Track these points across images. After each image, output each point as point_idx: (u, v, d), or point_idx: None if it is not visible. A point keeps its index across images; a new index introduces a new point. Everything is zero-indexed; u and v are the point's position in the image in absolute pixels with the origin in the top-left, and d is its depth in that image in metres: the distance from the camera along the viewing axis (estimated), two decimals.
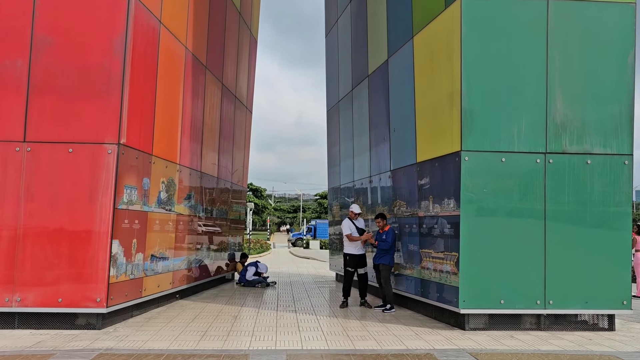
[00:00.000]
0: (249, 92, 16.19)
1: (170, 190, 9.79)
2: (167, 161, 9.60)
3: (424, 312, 9.21)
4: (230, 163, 14.16)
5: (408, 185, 9.79)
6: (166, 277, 9.67)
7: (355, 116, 13.19)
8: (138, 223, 8.40)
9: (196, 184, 11.32)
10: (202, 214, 11.80)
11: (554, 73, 8.00)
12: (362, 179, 12.55)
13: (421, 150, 9.26)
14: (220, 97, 13.00)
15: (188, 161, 10.76)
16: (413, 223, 9.52)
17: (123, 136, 7.85)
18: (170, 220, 9.81)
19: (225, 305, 10.19)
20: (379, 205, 11.30)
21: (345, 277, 10.22)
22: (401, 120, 10.21)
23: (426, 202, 8.99)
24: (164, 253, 9.53)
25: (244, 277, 13.45)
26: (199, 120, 11.40)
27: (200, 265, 11.71)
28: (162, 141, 9.37)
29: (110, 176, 7.64)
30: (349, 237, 10.20)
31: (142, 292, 8.64)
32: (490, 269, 7.86)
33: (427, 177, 9.00)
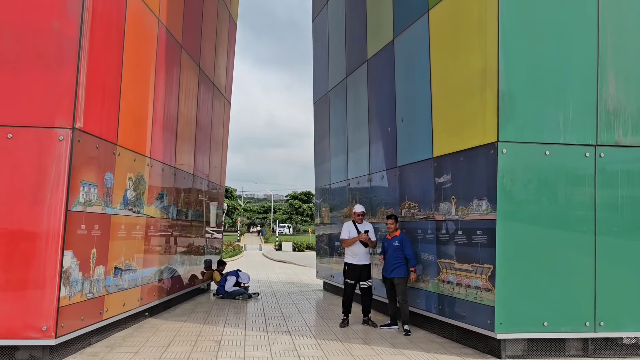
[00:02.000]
0: (227, 80, 14.57)
1: (139, 189, 8.14)
2: (135, 153, 7.94)
3: (442, 333, 7.82)
4: (207, 159, 12.53)
5: (421, 184, 8.39)
6: (133, 292, 8.02)
7: (350, 106, 11.74)
8: (98, 229, 6.74)
9: (169, 182, 9.68)
10: (176, 217, 10.14)
11: (605, 50, 6.72)
12: (359, 177, 11.11)
13: (440, 142, 7.88)
14: (197, 83, 11.36)
15: (160, 154, 9.11)
16: (428, 228, 8.12)
17: (79, 119, 6.20)
18: (139, 225, 8.16)
19: (205, 324, 8.58)
20: (381, 207, 9.88)
21: (345, 290, 8.75)
22: (411, 109, 8.81)
23: (447, 204, 7.61)
24: (131, 264, 7.88)
25: (223, 288, 11.84)
26: (173, 107, 9.76)
27: (173, 276, 10.06)
28: (129, 129, 7.72)
29: (62, 169, 5.98)
30: (343, 242, 8.76)
31: (103, 313, 6.98)
32: (533, 284, 6.52)
33: (447, 174, 7.62)
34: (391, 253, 8.20)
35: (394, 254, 8.16)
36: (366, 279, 8.67)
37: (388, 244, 8.31)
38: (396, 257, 8.14)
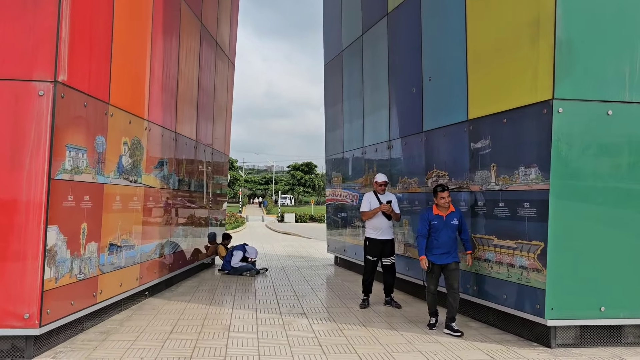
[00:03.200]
0: (231, 40, 13.49)
1: (136, 155, 7.23)
2: (131, 115, 7.01)
3: (477, 317, 7.02)
4: (211, 125, 11.57)
5: (453, 151, 7.47)
6: (131, 271, 7.19)
7: (367, 66, 10.72)
8: (89, 200, 5.86)
9: (170, 149, 8.76)
10: (178, 187, 9.26)
11: None
12: (376, 144, 10.18)
13: (476, 103, 6.92)
14: (199, 40, 10.33)
15: (159, 117, 8.17)
16: (460, 200, 7.24)
17: (62, 71, 5.25)
18: (136, 196, 7.28)
19: (211, 305, 7.79)
20: (403, 177, 8.98)
21: (365, 267, 7.92)
22: (441, 66, 7.82)
23: (484, 173, 6.70)
24: (128, 240, 7.03)
25: (229, 264, 11.04)
26: (173, 65, 8.76)
27: (175, 251, 9.23)
28: (123, 87, 6.77)
29: (43, 130, 5.06)
30: (363, 214, 7.89)
31: (96, 296, 6.16)
32: (589, 265, 5.66)
33: (486, 139, 6.69)
34: (448, 234, 6.40)
35: (451, 235, 6.44)
36: (389, 255, 7.83)
37: (441, 223, 6.41)
38: (453, 239, 6.48)
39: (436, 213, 6.45)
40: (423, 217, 6.56)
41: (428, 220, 6.46)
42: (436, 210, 6.47)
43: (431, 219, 6.45)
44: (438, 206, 6.47)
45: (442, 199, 6.41)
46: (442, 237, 6.41)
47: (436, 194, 6.48)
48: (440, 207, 6.46)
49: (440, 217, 6.43)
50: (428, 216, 6.50)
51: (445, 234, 6.41)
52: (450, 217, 6.45)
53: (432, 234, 6.45)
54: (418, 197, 8.42)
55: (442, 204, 6.43)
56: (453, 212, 6.48)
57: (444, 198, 6.41)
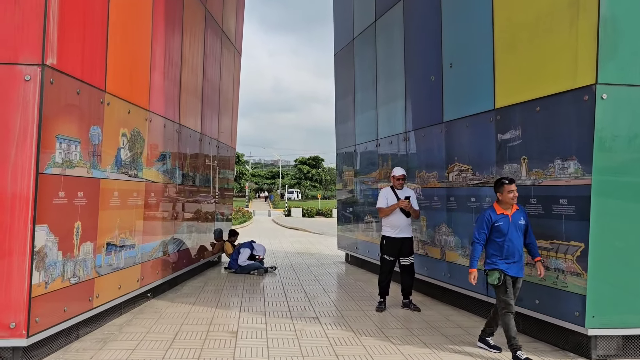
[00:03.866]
0: (237, 28, 12.94)
1: (136, 148, 6.72)
2: (130, 104, 6.50)
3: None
4: (216, 116, 11.05)
5: (477, 142, 6.92)
6: (131, 272, 6.70)
7: (381, 54, 10.16)
8: (83, 196, 5.36)
9: (173, 141, 8.25)
10: (182, 182, 8.76)
11: None
12: (391, 136, 9.63)
13: (504, 90, 6.36)
14: (203, 27, 9.79)
15: (161, 108, 7.65)
16: (486, 195, 6.69)
17: (51, 54, 4.74)
18: (136, 191, 6.78)
19: (217, 308, 7.30)
20: (421, 171, 8.43)
21: (382, 268, 7.39)
22: (464, 52, 7.26)
23: (514, 166, 6.15)
24: (128, 239, 6.54)
25: (236, 262, 10.55)
26: (176, 51, 8.24)
27: (179, 250, 8.74)
28: (121, 74, 6.25)
29: (30, 118, 4.56)
30: (379, 211, 7.36)
31: (92, 300, 5.67)
32: (635, 268, 5.11)
33: (515, 129, 6.13)
34: (517, 238, 5.21)
35: (521, 239, 5.25)
36: (408, 255, 7.30)
37: (507, 224, 5.20)
38: (521, 245, 5.28)
39: (500, 212, 5.24)
40: (484, 218, 5.27)
41: (490, 222, 5.21)
42: (499, 209, 5.26)
43: (496, 220, 5.21)
44: (501, 203, 5.26)
45: (510, 193, 5.16)
46: (514, 241, 5.17)
47: (501, 187, 5.22)
48: (504, 205, 5.24)
49: (506, 216, 5.21)
50: (491, 217, 5.22)
51: (516, 238, 5.20)
52: (517, 216, 5.25)
53: (496, 239, 5.21)
54: (437, 192, 7.88)
55: (509, 200, 5.19)
56: (518, 211, 5.29)
57: (513, 192, 5.17)
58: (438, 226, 7.87)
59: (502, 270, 5.14)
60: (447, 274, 7.58)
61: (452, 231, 7.48)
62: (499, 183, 5.28)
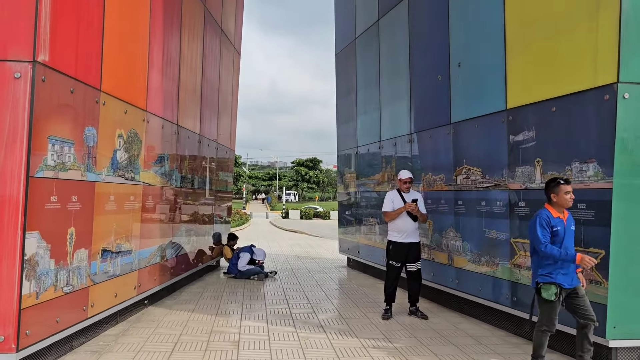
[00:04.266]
0: (236, 28, 12.69)
1: (133, 150, 6.45)
2: (127, 104, 6.23)
3: (515, 330, 6.23)
4: (215, 117, 10.78)
5: (487, 144, 6.67)
6: (128, 279, 6.42)
7: (384, 53, 9.91)
8: (77, 201, 5.09)
9: (172, 143, 7.98)
10: (180, 185, 8.48)
11: None
12: (395, 137, 9.38)
13: (517, 90, 6.12)
14: (202, 25, 9.53)
15: (159, 108, 7.39)
16: (497, 199, 6.45)
17: (43, 50, 4.47)
18: (133, 195, 6.51)
19: (217, 315, 7.02)
20: (427, 173, 8.18)
21: (388, 274, 7.13)
22: (473, 50, 7.02)
23: (527, 169, 5.90)
24: (124, 244, 6.26)
25: (235, 267, 10.27)
26: (174, 51, 7.98)
27: (178, 255, 8.47)
28: (118, 72, 5.98)
29: (20, 118, 4.29)
30: (385, 215, 7.11)
31: (87, 310, 5.39)
32: None
33: (529, 130, 5.88)
34: (571, 245, 4.62)
35: (573, 247, 4.64)
36: (415, 261, 7.04)
37: (564, 229, 4.58)
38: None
39: (557, 215, 4.61)
40: (542, 219, 4.57)
41: (550, 225, 4.57)
42: (555, 212, 4.62)
43: (554, 224, 4.57)
44: (555, 206, 4.63)
45: (567, 194, 4.56)
46: (569, 249, 4.57)
47: (557, 187, 4.60)
48: (559, 208, 4.62)
49: (562, 220, 4.60)
50: (549, 219, 4.58)
51: (571, 245, 4.61)
52: (570, 221, 4.68)
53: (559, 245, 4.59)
54: (444, 195, 7.63)
55: (565, 203, 4.58)
56: (570, 215, 4.73)
57: (569, 193, 4.57)
58: (445, 230, 7.62)
59: (559, 284, 4.53)
60: (455, 280, 7.33)
61: (460, 236, 7.23)
62: (554, 183, 4.64)
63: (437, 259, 7.82)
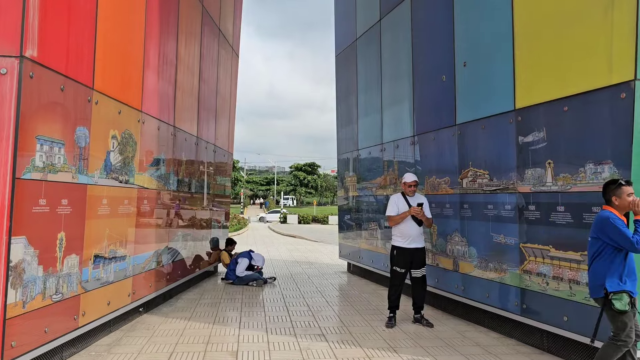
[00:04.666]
0: (235, 29, 12.48)
1: (127, 151, 6.21)
2: (121, 104, 5.99)
3: (524, 339, 5.99)
4: (213, 119, 10.55)
5: (494, 145, 6.45)
6: (122, 286, 6.17)
7: (386, 54, 9.70)
8: (68, 204, 4.84)
9: (168, 145, 7.74)
10: (177, 188, 8.24)
11: None
12: (398, 140, 9.16)
13: (526, 89, 5.90)
14: (200, 25, 9.32)
15: (156, 109, 7.15)
16: (505, 203, 6.22)
17: (31, 45, 4.24)
18: (128, 198, 6.26)
19: (214, 324, 6.76)
20: (431, 176, 7.95)
21: (392, 280, 6.89)
22: (480, 48, 6.81)
23: (537, 170, 5.68)
24: (118, 250, 6.01)
25: (233, 273, 10.02)
26: (171, 49, 7.75)
27: (174, 260, 8.21)
28: (111, 69, 5.75)
29: (6, 117, 4.05)
30: (389, 219, 6.87)
31: (78, 319, 5.14)
32: None
33: (539, 131, 5.66)
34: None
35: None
36: (420, 267, 6.80)
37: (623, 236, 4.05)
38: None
39: (621, 219, 4.17)
40: (616, 220, 4.10)
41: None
42: (619, 214, 4.19)
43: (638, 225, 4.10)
44: (617, 209, 4.19)
45: (630, 197, 4.13)
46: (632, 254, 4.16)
47: (618, 189, 4.18)
48: (621, 210, 4.19)
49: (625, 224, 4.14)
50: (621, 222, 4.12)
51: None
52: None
53: (617, 254, 4.11)
54: (449, 199, 7.40)
55: (627, 205, 4.14)
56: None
57: (632, 195, 4.14)
58: (450, 235, 7.39)
59: (630, 293, 4.04)
60: (461, 286, 7.09)
61: (466, 241, 7.00)
62: (616, 185, 4.21)
63: (442, 264, 7.59)
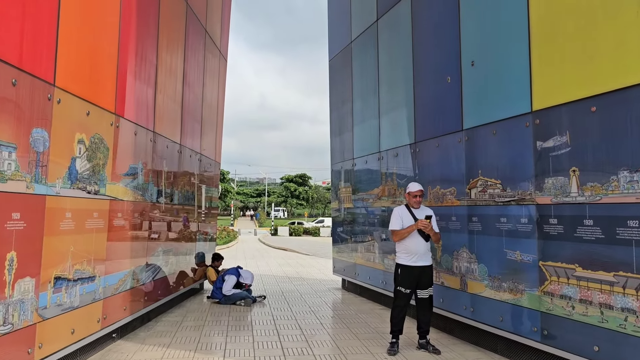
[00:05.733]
0: (223, 32, 11.84)
1: (98, 158, 5.51)
2: (89, 104, 5.30)
3: None
4: (198, 126, 9.86)
5: (507, 152, 5.82)
6: (90, 311, 5.43)
7: (384, 56, 9.10)
8: (21, 218, 4.12)
9: (147, 152, 7.04)
10: (157, 200, 7.53)
11: None
12: (397, 147, 8.52)
13: (545, 88, 5.29)
14: (184, 24, 8.66)
15: (132, 112, 6.46)
16: (521, 215, 5.57)
17: None
18: (98, 211, 5.54)
19: (197, 351, 6.03)
20: (434, 187, 7.31)
21: (395, 302, 6.19)
22: (490, 45, 6.20)
23: (559, 179, 5.05)
24: (85, 270, 5.28)
25: (220, 291, 9.28)
26: (150, 47, 7.08)
27: (154, 279, 7.47)
28: (77, 65, 5.06)
29: None
30: (393, 234, 6.19)
31: (33, 352, 4.39)
32: None
33: (562, 135, 5.04)
34: None
35: None
36: (427, 287, 6.11)
37: None
38: None
39: None
40: None
41: None
42: None
43: None
44: None
45: None
46: None
47: None
48: None
49: None
50: None
51: None
52: None
53: None
54: (456, 211, 6.76)
55: None
56: None
57: None
58: (457, 251, 6.73)
59: None
60: (470, 307, 6.43)
61: (476, 257, 6.34)
62: None
63: (448, 282, 6.92)
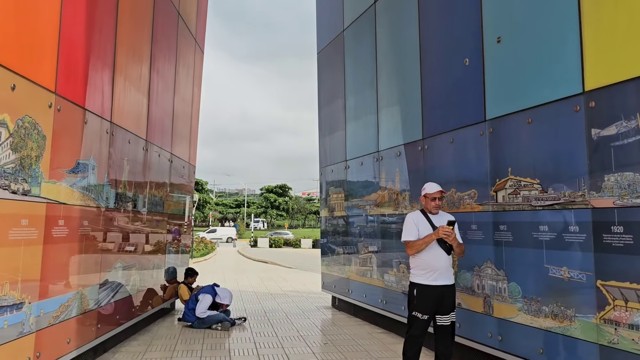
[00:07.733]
0: (199, 19, 10.61)
1: (29, 149, 4.22)
2: (15, 75, 4.03)
3: None
4: (169, 121, 8.59)
5: (547, 144, 4.71)
6: (14, 348, 4.11)
7: (383, 42, 7.98)
8: None
9: (102, 145, 5.76)
10: (115, 205, 6.23)
11: None
12: (399, 145, 7.37)
13: (603, 62, 4.19)
14: (152, 2, 7.42)
15: (80, 94, 5.19)
16: (569, 222, 4.45)
17: None
18: (29, 217, 4.25)
19: None
20: (448, 190, 6.15)
21: (409, 331, 4.94)
22: (523, 18, 5.11)
23: (624, 176, 3.94)
24: (8, 295, 3.97)
25: (193, 313, 7.96)
26: (106, 20, 5.82)
27: (110, 301, 6.15)
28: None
29: None
30: (408, 246, 4.96)
31: None
32: None
33: (628, 120, 3.94)
34: None
35: None
36: (449, 311, 4.89)
37: None
38: None
39: None
40: None
41: None
42: None
43: None
44: None
45: None
46: None
47: None
48: None
49: None
50: None
51: None
52: None
53: None
54: (477, 218, 5.62)
55: None
56: None
57: None
58: (479, 266, 5.59)
59: None
60: (497, 335, 5.27)
61: (505, 274, 5.20)
62: None
63: (467, 304, 5.76)
